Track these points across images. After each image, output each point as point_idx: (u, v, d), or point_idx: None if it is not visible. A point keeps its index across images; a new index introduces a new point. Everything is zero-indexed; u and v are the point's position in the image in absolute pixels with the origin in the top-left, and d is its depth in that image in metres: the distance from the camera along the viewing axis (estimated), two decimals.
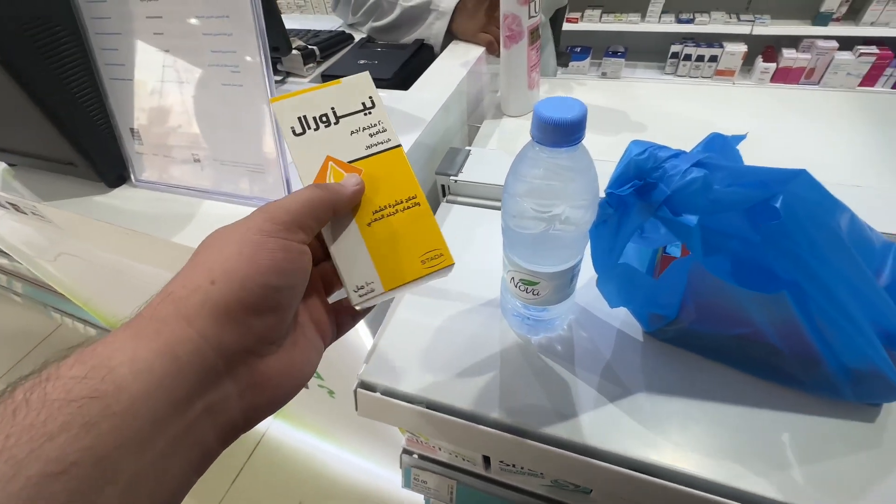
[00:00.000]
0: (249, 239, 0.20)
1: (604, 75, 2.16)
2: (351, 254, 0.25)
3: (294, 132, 0.25)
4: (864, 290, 0.28)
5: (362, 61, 0.64)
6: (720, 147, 0.29)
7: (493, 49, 0.69)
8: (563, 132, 0.24)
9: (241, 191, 0.45)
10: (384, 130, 0.26)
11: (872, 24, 1.80)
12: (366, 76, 0.26)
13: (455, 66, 0.64)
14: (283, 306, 0.20)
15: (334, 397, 0.74)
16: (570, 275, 0.32)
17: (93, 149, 0.47)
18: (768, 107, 0.65)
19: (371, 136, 0.26)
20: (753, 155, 0.32)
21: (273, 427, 1.28)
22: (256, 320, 0.19)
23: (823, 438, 0.31)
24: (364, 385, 0.38)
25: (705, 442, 0.31)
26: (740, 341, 0.33)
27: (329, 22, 0.89)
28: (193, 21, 0.38)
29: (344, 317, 0.27)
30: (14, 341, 1.61)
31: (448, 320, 0.42)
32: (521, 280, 0.33)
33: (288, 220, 0.21)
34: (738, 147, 0.32)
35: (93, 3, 0.41)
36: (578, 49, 2.20)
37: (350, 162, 0.25)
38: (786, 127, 0.61)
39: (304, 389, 0.80)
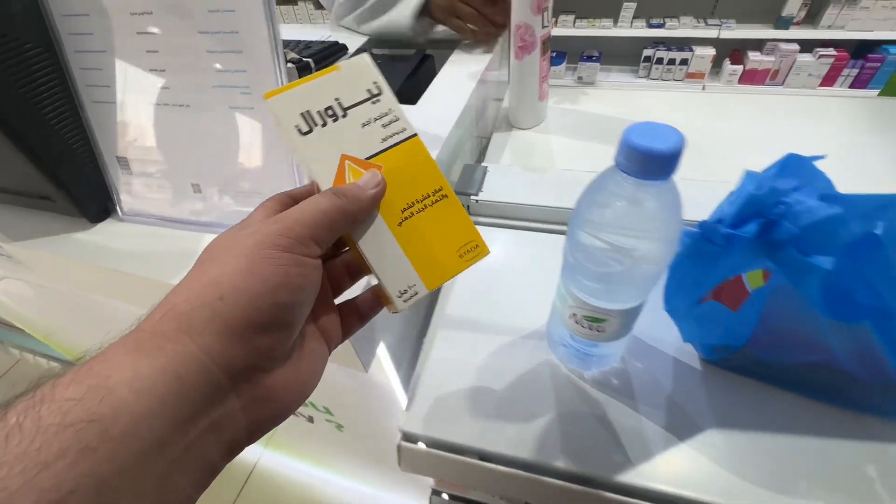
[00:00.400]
0: (262, 253, 0.18)
1: (579, 80, 2.18)
2: (387, 258, 0.23)
3: (300, 131, 0.22)
4: None
5: None
6: (797, 168, 0.27)
7: (464, 33, 0.66)
8: (659, 164, 0.21)
9: None
10: (397, 119, 0.24)
11: (829, 27, 1.89)
12: (365, 58, 0.24)
13: (462, 77, 0.61)
14: (293, 322, 0.19)
15: (343, 431, 0.70)
16: (640, 309, 0.29)
17: (72, 180, 0.42)
18: (779, 111, 0.66)
19: (384, 126, 0.24)
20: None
21: (265, 457, 1.20)
22: (264, 337, 0.18)
23: None
24: (407, 437, 0.35)
25: (788, 480, 0.29)
26: (811, 368, 0.32)
27: (312, 31, 0.84)
28: (196, 38, 0.33)
29: (351, 318, 0.25)
30: None
31: (489, 357, 0.38)
32: (584, 317, 0.30)
33: (304, 233, 0.19)
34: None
35: (71, 17, 0.36)
36: (554, 54, 2.22)
37: (368, 159, 0.23)
38: (799, 129, 0.61)
39: (309, 423, 0.74)
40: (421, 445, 0.34)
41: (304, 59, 0.63)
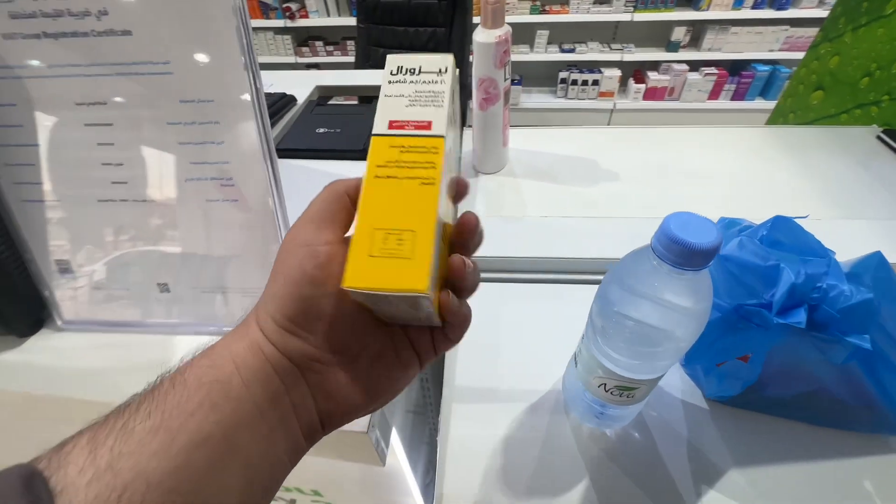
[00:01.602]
0: (285, 249, 0.21)
1: None
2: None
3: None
4: None
5: (322, 130, 0.58)
6: (784, 228, 0.30)
7: None
8: (702, 257, 0.22)
9: (228, 318, 0.36)
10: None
11: (709, 49, 2.18)
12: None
13: None
14: (328, 315, 0.20)
15: None
16: (667, 372, 0.30)
17: None
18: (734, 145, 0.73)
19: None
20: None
21: None
22: (306, 330, 0.20)
23: None
24: None
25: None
26: (805, 396, 0.35)
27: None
28: (165, 130, 0.29)
29: (438, 335, 0.23)
30: None
31: (509, 427, 0.38)
32: (616, 387, 0.31)
33: (316, 218, 0.21)
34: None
35: None
36: None
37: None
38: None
39: None
40: None
41: None
